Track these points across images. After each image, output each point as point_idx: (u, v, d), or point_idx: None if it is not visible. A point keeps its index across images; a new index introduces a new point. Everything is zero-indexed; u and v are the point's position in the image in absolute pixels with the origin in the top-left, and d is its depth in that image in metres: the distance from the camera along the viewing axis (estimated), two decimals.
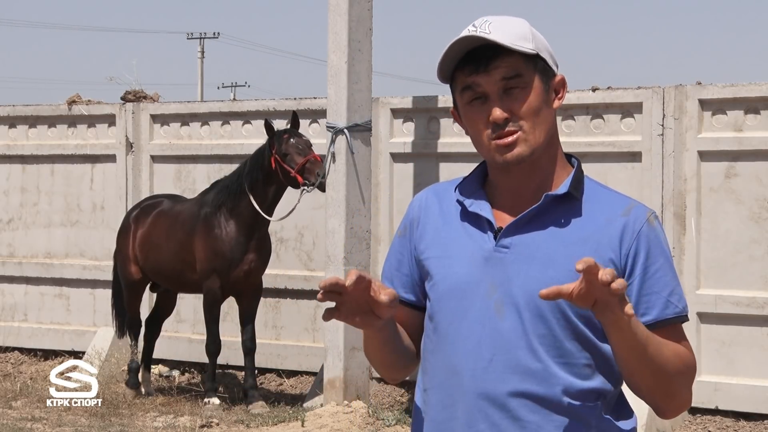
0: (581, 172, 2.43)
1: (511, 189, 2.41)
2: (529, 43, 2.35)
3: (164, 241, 9.42)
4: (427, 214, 2.48)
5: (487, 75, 2.33)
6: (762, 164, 8.42)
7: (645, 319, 2.32)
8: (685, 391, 2.36)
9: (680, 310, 2.36)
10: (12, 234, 11.67)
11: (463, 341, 2.36)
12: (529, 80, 2.34)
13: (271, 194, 9.02)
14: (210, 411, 8.95)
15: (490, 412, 2.33)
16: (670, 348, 2.32)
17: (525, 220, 2.36)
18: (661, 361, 2.29)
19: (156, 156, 10.96)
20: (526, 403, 2.32)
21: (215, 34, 52.58)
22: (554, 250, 2.34)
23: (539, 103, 2.35)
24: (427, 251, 2.45)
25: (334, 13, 8.87)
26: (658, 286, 2.34)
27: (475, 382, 2.34)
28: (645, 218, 2.36)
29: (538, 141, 2.35)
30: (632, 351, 2.26)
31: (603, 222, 2.35)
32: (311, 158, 8.83)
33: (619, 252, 2.34)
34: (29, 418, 8.88)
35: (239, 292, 9.25)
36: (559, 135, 2.47)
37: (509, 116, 2.33)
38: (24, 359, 11.43)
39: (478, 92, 2.35)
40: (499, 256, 2.36)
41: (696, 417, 8.51)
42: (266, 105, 10.36)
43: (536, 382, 2.32)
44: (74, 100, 11.40)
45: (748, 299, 8.38)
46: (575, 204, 2.38)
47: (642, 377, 2.31)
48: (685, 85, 8.66)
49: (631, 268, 2.34)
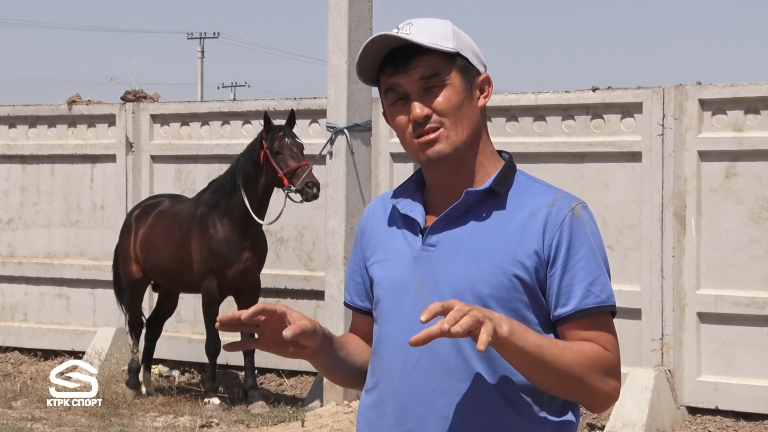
0: (511, 167, 2.44)
1: (441, 188, 2.43)
2: (449, 42, 2.37)
3: (163, 241, 9.43)
4: (373, 221, 2.53)
5: (406, 75, 2.36)
6: (762, 164, 8.42)
7: (565, 310, 2.32)
8: (605, 387, 2.33)
9: (602, 300, 2.34)
10: (12, 234, 11.67)
11: (394, 341, 2.39)
12: (447, 78, 2.36)
13: (260, 189, 9.01)
14: (210, 411, 8.95)
15: (418, 410, 2.35)
16: (572, 350, 2.30)
17: (450, 217, 2.39)
18: (562, 366, 2.27)
19: (156, 156, 10.96)
20: (452, 401, 2.33)
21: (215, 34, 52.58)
22: (478, 246, 2.35)
23: (460, 101, 2.37)
24: (373, 257, 2.49)
25: (334, 13, 8.87)
26: (579, 276, 2.33)
27: (404, 381, 2.37)
28: (569, 208, 2.36)
29: (461, 138, 2.37)
30: (526, 364, 2.26)
31: (527, 215, 2.36)
32: (303, 165, 8.82)
33: (542, 243, 2.34)
34: (29, 418, 8.88)
35: (237, 291, 9.25)
36: (559, 135, 2.48)
37: (429, 114, 2.36)
38: (24, 359, 11.44)
39: (400, 92, 2.38)
40: (426, 254, 2.38)
41: (696, 417, 8.51)
42: (266, 105, 10.36)
43: (461, 378, 2.33)
44: (74, 100, 11.40)
45: (748, 299, 8.38)
46: (500, 199, 2.39)
47: (548, 384, 2.30)
48: (685, 85, 8.66)
49: (554, 258, 2.33)
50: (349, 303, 2.59)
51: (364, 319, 2.55)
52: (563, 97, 9.00)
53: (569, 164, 8.96)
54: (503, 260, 2.33)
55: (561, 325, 2.34)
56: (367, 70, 2.41)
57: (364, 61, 2.39)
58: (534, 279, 2.33)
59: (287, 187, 8.82)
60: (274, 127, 8.99)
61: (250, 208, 8.98)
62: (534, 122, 9.12)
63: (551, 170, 8.92)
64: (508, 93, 9.35)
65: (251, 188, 9.01)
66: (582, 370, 2.29)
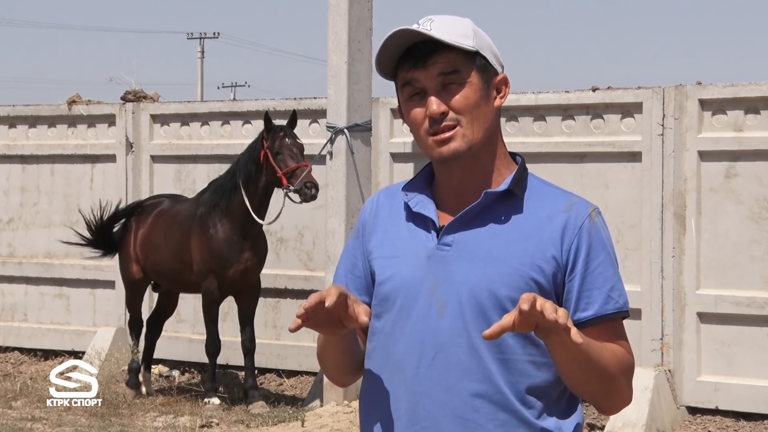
0: (524, 169, 2.45)
1: (453, 187, 2.42)
2: (470, 41, 2.36)
3: (163, 241, 9.43)
4: (377, 215, 2.51)
5: (425, 70, 2.35)
6: (762, 164, 8.42)
7: (585, 314, 2.34)
8: (626, 390, 2.37)
9: (620, 305, 2.37)
10: (12, 234, 11.67)
11: (407, 340, 2.38)
12: (467, 76, 2.36)
13: (261, 189, 9.01)
14: (210, 411, 8.95)
15: (432, 409, 2.35)
16: (609, 350, 2.32)
17: (466, 217, 2.38)
18: (602, 366, 2.29)
19: (156, 156, 10.96)
20: (466, 401, 2.33)
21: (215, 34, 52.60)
22: (495, 247, 2.35)
23: (477, 99, 2.36)
24: (376, 251, 2.47)
25: (334, 13, 8.87)
26: (599, 281, 2.35)
27: (418, 381, 2.36)
28: (587, 214, 2.37)
29: (476, 137, 2.37)
30: (575, 363, 2.27)
31: (544, 218, 2.36)
32: (302, 166, 8.82)
33: (561, 248, 2.34)
34: (29, 418, 8.88)
35: (237, 291, 9.25)
36: (559, 135, 2.49)
37: (446, 111, 2.35)
38: (24, 359, 11.44)
39: (417, 88, 2.37)
40: (441, 254, 2.38)
41: (696, 417, 8.51)
42: (266, 105, 10.36)
43: (476, 379, 2.33)
44: (74, 100, 11.40)
45: (748, 299, 8.38)
46: (517, 201, 2.39)
47: (586, 384, 2.32)
48: (685, 85, 8.66)
49: (573, 263, 2.34)
50: None
51: None
52: (563, 97, 9.00)
53: (569, 164, 8.96)
54: (521, 263, 2.33)
55: (580, 329, 2.33)
56: (385, 64, 2.40)
57: (384, 54, 2.38)
58: (551, 283, 2.34)
59: (286, 186, 8.82)
60: (275, 127, 8.99)
61: (250, 208, 8.98)
62: (534, 122, 9.11)
63: (551, 170, 8.92)
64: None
65: (252, 188, 9.01)
66: (615, 371, 2.32)
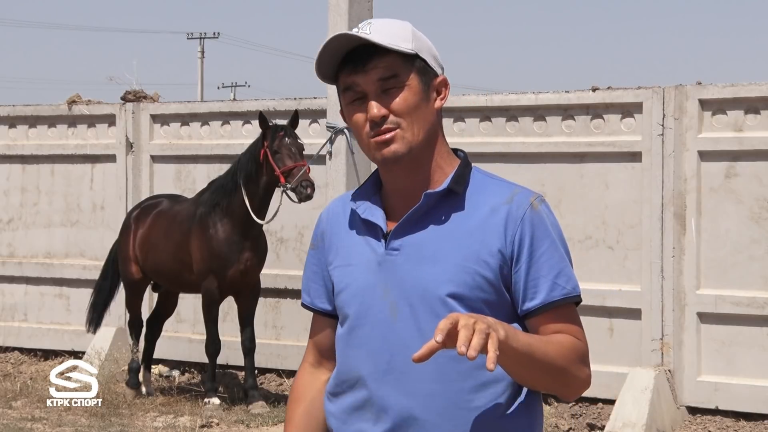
0: (466, 166, 2.46)
1: (398, 190, 2.44)
2: (409, 44, 2.38)
3: (162, 241, 9.43)
4: (333, 225, 2.55)
5: (365, 74, 2.37)
6: (762, 164, 8.42)
7: (533, 303, 2.35)
8: (580, 376, 2.38)
9: (568, 291, 2.37)
10: (12, 234, 11.67)
11: (364, 345, 2.41)
12: (405, 79, 2.38)
13: (261, 189, 9.01)
14: (210, 411, 8.95)
15: (392, 413, 2.37)
16: (554, 344, 2.33)
17: (411, 220, 2.40)
18: (548, 362, 2.30)
19: (156, 156, 10.96)
20: (424, 402, 2.35)
21: (215, 34, 52.61)
22: (442, 246, 2.37)
23: (417, 102, 2.38)
24: (335, 261, 2.51)
25: (334, 13, 8.87)
26: (545, 269, 2.36)
27: (377, 384, 2.39)
28: (528, 203, 2.38)
29: (416, 139, 2.38)
30: (518, 365, 2.28)
31: (487, 212, 2.38)
32: (300, 165, 8.82)
33: (505, 240, 2.36)
34: (29, 418, 8.88)
35: (237, 291, 9.25)
36: (560, 135, 2.49)
37: (387, 114, 2.37)
38: (24, 359, 11.44)
39: (358, 92, 2.39)
40: (390, 259, 2.40)
41: (696, 417, 8.51)
42: (266, 105, 10.36)
43: (431, 380, 2.34)
44: (74, 100, 11.40)
45: (748, 299, 8.38)
46: (459, 199, 2.41)
47: (536, 382, 2.34)
48: (685, 85, 8.66)
49: (518, 254, 2.36)
50: (309, 305, 2.58)
51: (327, 321, 2.56)
52: (563, 97, 9.00)
53: (569, 164, 8.96)
54: (466, 260, 2.35)
55: (530, 318, 2.37)
56: (326, 69, 2.43)
57: (324, 59, 2.40)
58: (498, 276, 2.35)
59: (283, 184, 8.83)
60: (276, 126, 9.00)
61: (250, 208, 8.98)
62: (534, 122, 9.11)
63: (551, 170, 8.92)
64: (508, 93, 9.35)
65: (252, 188, 9.01)
66: (564, 363, 2.33)
